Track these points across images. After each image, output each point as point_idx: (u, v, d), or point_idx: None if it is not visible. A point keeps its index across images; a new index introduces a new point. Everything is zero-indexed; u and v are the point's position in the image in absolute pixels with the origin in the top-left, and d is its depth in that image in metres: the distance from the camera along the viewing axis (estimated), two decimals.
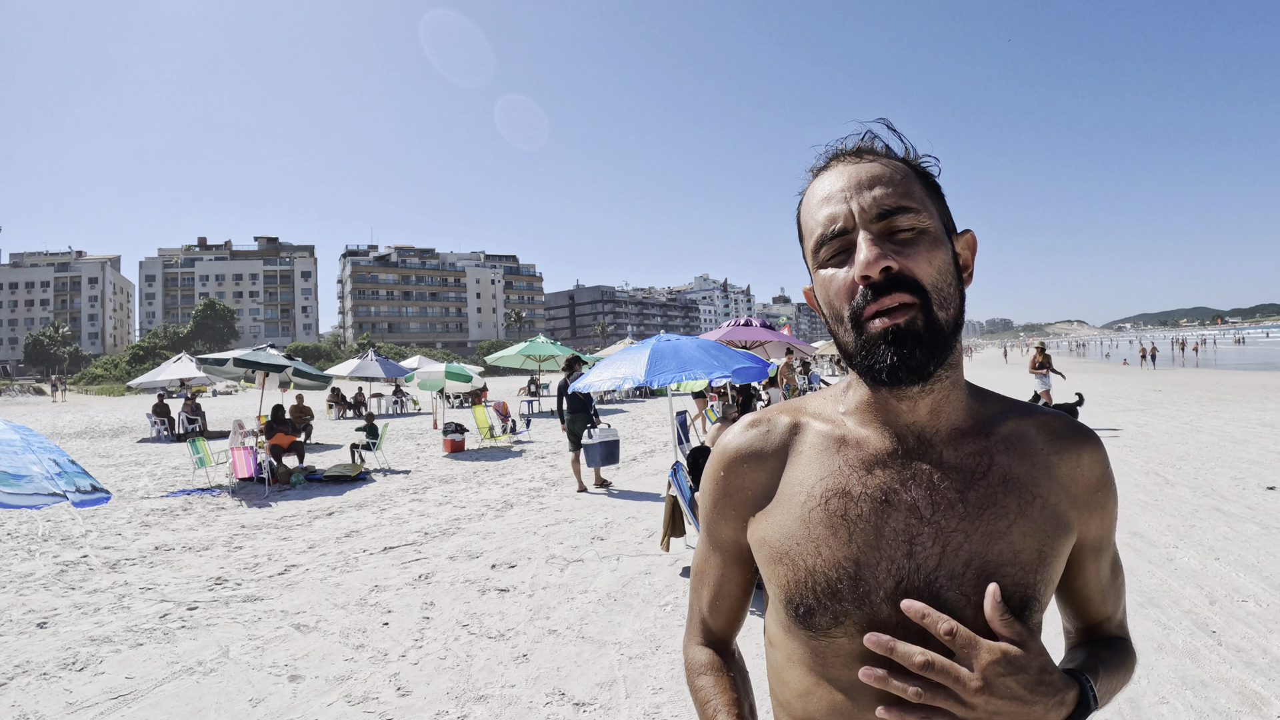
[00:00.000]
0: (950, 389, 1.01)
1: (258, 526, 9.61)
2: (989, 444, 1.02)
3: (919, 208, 0.97)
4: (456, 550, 8.02)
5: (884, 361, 0.94)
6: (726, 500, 1.13)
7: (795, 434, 1.09)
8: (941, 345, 0.95)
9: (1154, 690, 4.14)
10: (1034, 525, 0.97)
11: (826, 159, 1.06)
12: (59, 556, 8.18)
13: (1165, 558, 6.47)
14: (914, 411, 1.00)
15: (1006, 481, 0.99)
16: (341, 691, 4.59)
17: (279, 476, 13.14)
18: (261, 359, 15.57)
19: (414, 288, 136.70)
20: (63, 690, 4.73)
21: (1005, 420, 1.05)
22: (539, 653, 5.12)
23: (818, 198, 1.02)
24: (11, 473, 4.13)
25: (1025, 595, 0.94)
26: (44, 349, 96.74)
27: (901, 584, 0.94)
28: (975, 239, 1.07)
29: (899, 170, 1.01)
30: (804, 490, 1.03)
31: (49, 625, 5.96)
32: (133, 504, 11.46)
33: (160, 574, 7.42)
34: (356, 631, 5.65)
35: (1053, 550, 0.98)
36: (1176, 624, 5.03)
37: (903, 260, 0.94)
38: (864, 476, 1.00)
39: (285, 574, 7.29)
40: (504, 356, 27.68)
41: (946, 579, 0.94)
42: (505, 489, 11.95)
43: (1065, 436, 1.05)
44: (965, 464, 0.99)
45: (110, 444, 22.08)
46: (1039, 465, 1.02)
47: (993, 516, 0.96)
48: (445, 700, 4.43)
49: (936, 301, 0.95)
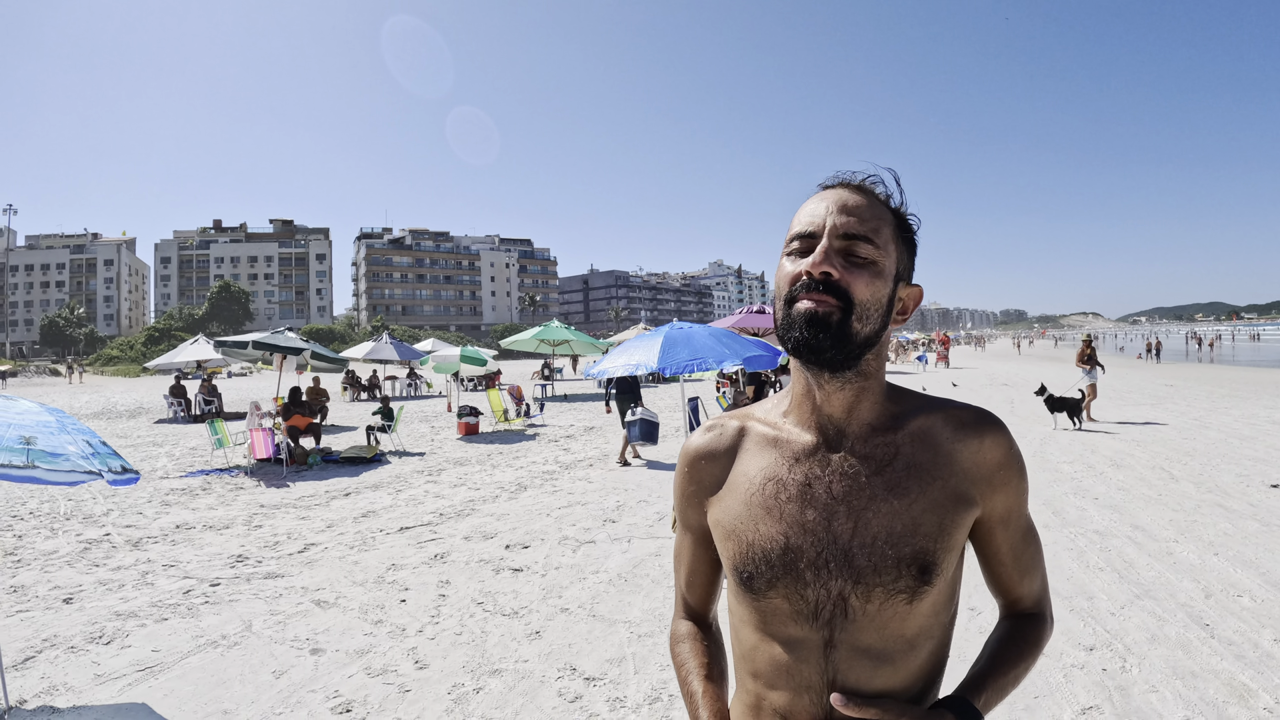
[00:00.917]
0: (862, 392, 1.22)
1: (276, 506, 9.82)
2: (897, 437, 1.21)
3: (880, 246, 1.18)
4: (471, 531, 8.20)
5: (795, 334, 1.15)
6: (691, 491, 1.35)
7: (742, 435, 1.32)
8: (847, 345, 1.14)
9: (1145, 679, 4.27)
10: (934, 503, 1.17)
11: (834, 181, 1.25)
12: (82, 534, 8.39)
13: (1165, 551, 6.59)
14: (830, 405, 1.22)
15: (911, 468, 1.19)
16: (361, 664, 4.78)
17: (296, 457, 13.36)
18: (280, 342, 15.77)
19: (428, 270, 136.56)
20: (90, 663, 4.91)
21: (915, 417, 1.24)
22: (551, 630, 5.29)
23: (810, 205, 1.22)
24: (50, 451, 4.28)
25: (926, 561, 1.13)
26: (60, 330, 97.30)
27: (821, 553, 1.15)
28: (921, 293, 1.27)
29: (881, 213, 1.21)
30: (747, 480, 1.25)
31: (75, 601, 6.16)
32: (153, 484, 11.69)
33: (182, 551, 7.62)
34: (375, 608, 5.83)
35: (953, 523, 1.17)
36: (1171, 616, 5.15)
37: (845, 274, 1.14)
38: (792, 467, 1.22)
39: (305, 552, 7.48)
40: (518, 340, 27.84)
41: (858, 548, 1.14)
42: (519, 471, 12.14)
43: (969, 426, 1.23)
44: (875, 454, 1.20)
45: (128, 425, 22.35)
46: (942, 453, 1.20)
47: (897, 496, 1.16)
48: (461, 673, 4.61)
49: (858, 315, 1.14)
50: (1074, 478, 9.93)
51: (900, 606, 1.14)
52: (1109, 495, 8.84)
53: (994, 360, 50.05)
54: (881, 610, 1.13)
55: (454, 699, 4.28)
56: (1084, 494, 8.94)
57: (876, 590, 1.13)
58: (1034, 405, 18.78)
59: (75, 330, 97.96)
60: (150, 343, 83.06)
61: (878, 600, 1.13)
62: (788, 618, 1.17)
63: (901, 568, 1.12)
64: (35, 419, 4.45)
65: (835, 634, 1.15)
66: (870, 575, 1.13)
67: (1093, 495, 8.86)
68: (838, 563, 1.14)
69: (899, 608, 1.14)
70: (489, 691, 4.37)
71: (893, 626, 1.14)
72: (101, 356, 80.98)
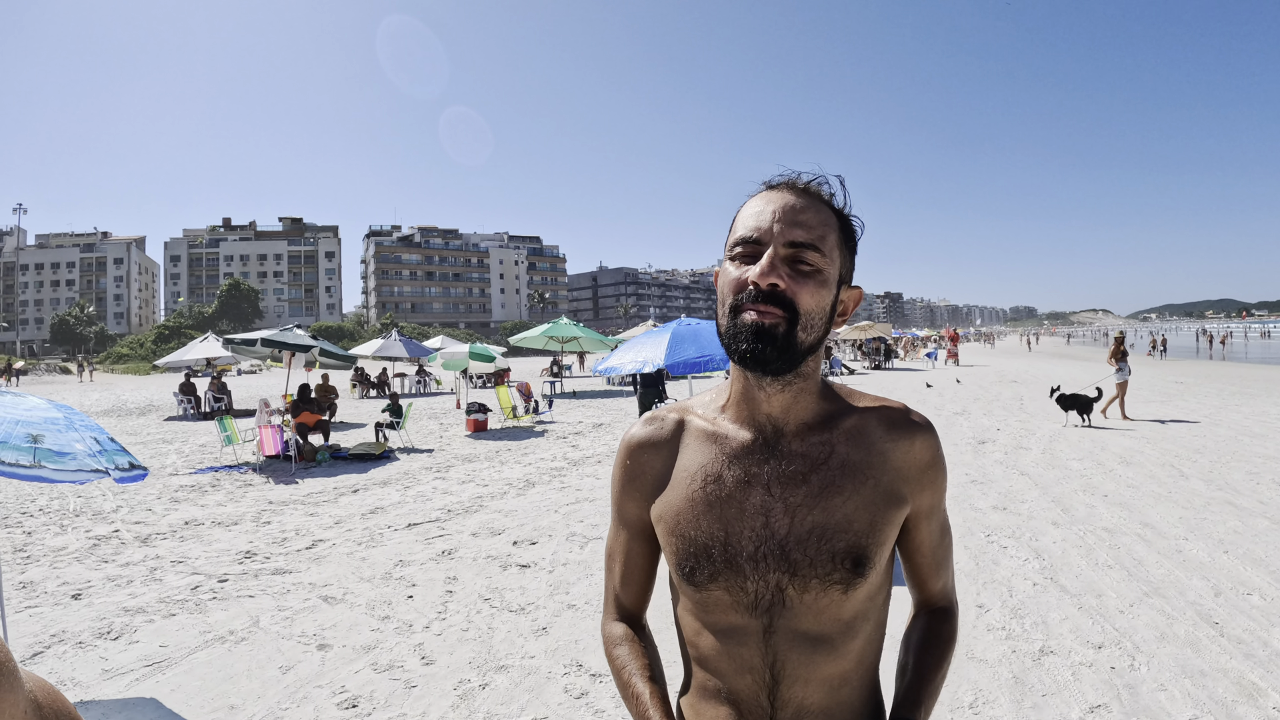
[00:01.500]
0: (800, 393, 1.25)
1: (285, 503, 9.85)
2: (832, 436, 1.26)
3: (825, 254, 1.19)
4: (479, 527, 8.21)
5: (742, 346, 1.17)
6: (631, 483, 1.37)
7: (682, 429, 1.34)
8: (793, 354, 1.17)
9: (1153, 678, 4.25)
10: (866, 500, 1.21)
11: (779, 181, 1.26)
12: (91, 531, 8.42)
13: (1174, 549, 6.56)
14: (770, 404, 1.25)
15: (844, 466, 1.23)
16: (368, 660, 4.79)
17: (305, 454, 13.40)
18: (288, 339, 15.80)
19: (437, 268, 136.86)
20: (98, 658, 4.93)
21: (850, 416, 1.28)
22: (558, 626, 5.30)
23: (754, 207, 1.23)
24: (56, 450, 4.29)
25: (859, 555, 1.18)
26: (70, 329, 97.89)
27: (760, 548, 1.19)
28: (861, 295, 1.31)
29: (827, 218, 1.22)
30: (688, 476, 1.28)
31: (83, 596, 6.18)
32: (162, 480, 11.72)
33: (190, 548, 7.64)
34: (382, 604, 5.84)
35: (884, 519, 1.22)
36: (1180, 614, 5.13)
37: (791, 284, 1.16)
38: (731, 464, 1.25)
39: (313, 548, 7.50)
40: (527, 337, 27.88)
41: (794, 543, 1.18)
42: (527, 468, 12.14)
43: (901, 427, 1.28)
44: (811, 452, 1.24)
45: (138, 422, 22.43)
46: (875, 452, 1.25)
47: (831, 494, 1.20)
48: (467, 669, 4.61)
49: (803, 325, 1.17)
50: (1083, 475, 9.90)
51: (836, 596, 1.18)
52: (1118, 492, 8.81)
53: (1004, 357, 49.86)
54: (818, 600, 1.18)
55: (460, 695, 4.29)
56: (1093, 491, 8.91)
57: (812, 582, 1.17)
58: (1043, 402, 18.74)
59: (85, 328, 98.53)
60: (160, 341, 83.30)
61: (814, 591, 1.18)
62: (729, 607, 1.22)
63: (835, 562, 1.17)
64: (43, 415, 4.46)
65: (775, 621, 1.19)
66: (806, 569, 1.17)
67: (1102, 492, 8.82)
68: (775, 557, 1.19)
69: (834, 597, 1.18)
70: (495, 687, 4.38)
71: (830, 613, 1.19)
72: (112, 354, 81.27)
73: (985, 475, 10.07)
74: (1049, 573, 6.07)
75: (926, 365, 40.82)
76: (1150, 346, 48.50)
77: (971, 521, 7.66)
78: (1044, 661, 4.50)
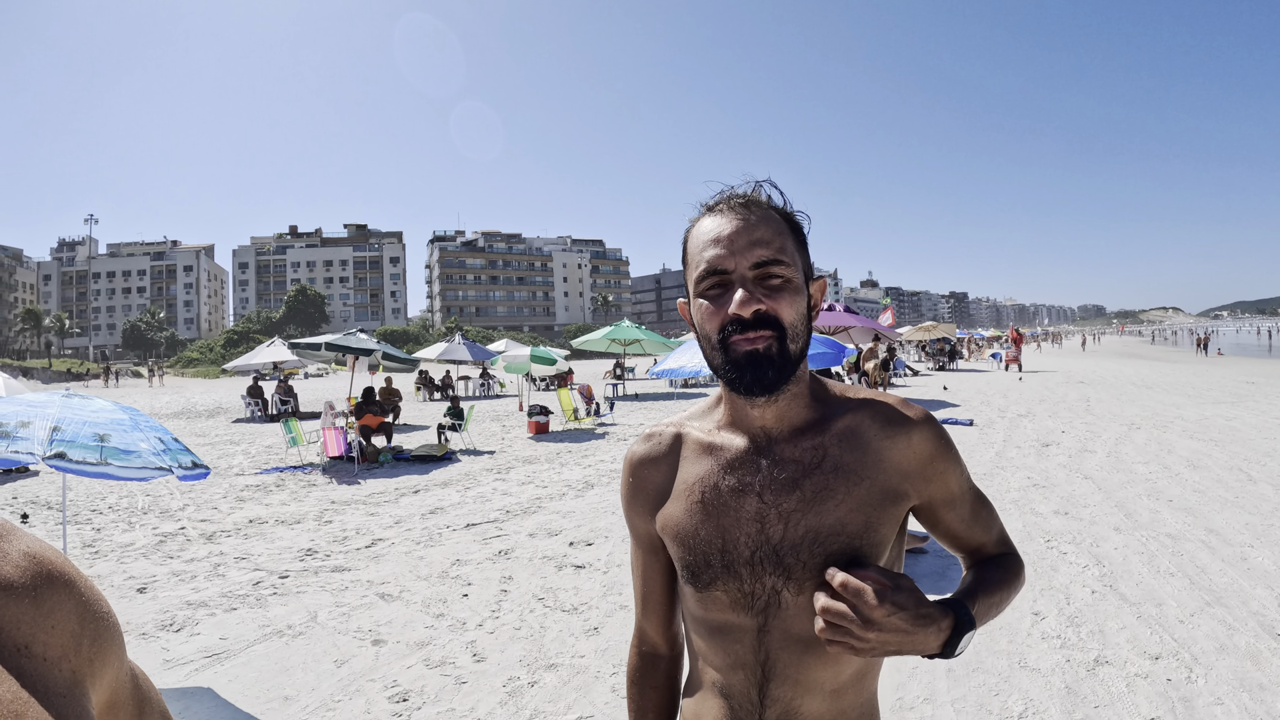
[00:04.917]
0: (792, 399, 1.27)
1: (347, 502, 10.06)
2: (824, 439, 1.27)
3: (790, 262, 1.22)
4: (536, 528, 8.30)
5: (744, 378, 1.20)
6: (636, 499, 1.42)
7: (680, 442, 1.38)
8: (789, 368, 1.21)
9: (1210, 690, 4.13)
10: (860, 502, 1.22)
11: (717, 201, 1.28)
12: (158, 528, 8.71)
13: (1239, 556, 6.37)
14: (763, 417, 1.27)
15: (837, 469, 1.24)
16: (421, 655, 4.89)
17: (368, 455, 13.65)
18: (351, 343, 16.11)
19: (501, 272, 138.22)
20: (160, 649, 5.13)
21: (842, 416, 1.29)
22: (610, 626, 5.35)
23: (706, 236, 1.24)
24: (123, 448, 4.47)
25: (854, 558, 1.18)
26: (141, 334, 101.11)
27: (756, 553, 1.22)
28: (825, 284, 1.31)
29: (778, 226, 1.24)
30: (687, 487, 1.32)
31: (148, 590, 6.42)
32: (228, 480, 12.06)
33: (254, 545, 7.86)
34: (437, 601, 5.95)
35: (879, 520, 1.23)
36: (1242, 625, 4.98)
37: (770, 303, 1.19)
38: (727, 473, 1.28)
39: (372, 547, 7.66)
40: (589, 340, 28.05)
41: (788, 548, 1.21)
42: (587, 470, 12.22)
43: (896, 424, 1.27)
44: (803, 458, 1.25)
45: (206, 424, 23.06)
46: (869, 452, 1.25)
47: (824, 498, 1.22)
48: (518, 667, 4.69)
49: (790, 336, 1.20)
50: (1148, 479, 9.66)
51: None
52: (1184, 497, 8.58)
53: (1072, 358, 48.72)
54: (812, 602, 1.18)
55: (509, 691, 4.37)
56: (1158, 496, 8.69)
57: (807, 584, 1.19)
58: (1110, 405, 18.30)
59: (156, 334, 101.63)
60: (229, 345, 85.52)
61: (809, 593, 1.19)
62: (726, 607, 1.26)
63: (829, 565, 1.17)
64: (110, 417, 4.64)
65: (769, 621, 1.22)
66: (800, 572, 1.20)
67: (1166, 497, 8.60)
68: (771, 562, 1.22)
69: None
70: (543, 685, 4.44)
71: None
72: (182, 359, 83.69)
73: (1048, 479, 9.88)
74: (1109, 580, 5.95)
75: (992, 365, 40.14)
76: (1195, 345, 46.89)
77: (1031, 527, 7.53)
78: (1098, 672, 4.41)
